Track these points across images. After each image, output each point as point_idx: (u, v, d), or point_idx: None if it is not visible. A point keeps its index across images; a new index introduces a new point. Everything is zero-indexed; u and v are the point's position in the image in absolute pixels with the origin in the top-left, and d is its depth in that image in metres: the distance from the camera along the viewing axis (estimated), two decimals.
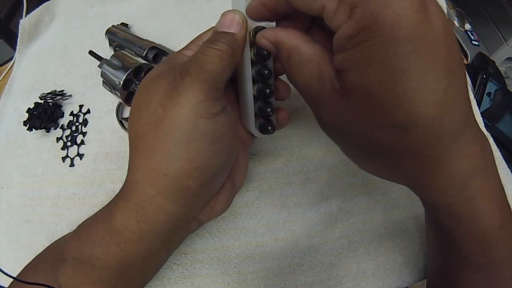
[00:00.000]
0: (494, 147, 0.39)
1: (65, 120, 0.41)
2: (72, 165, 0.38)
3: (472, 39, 0.68)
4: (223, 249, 0.32)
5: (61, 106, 0.42)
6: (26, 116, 0.40)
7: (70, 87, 0.43)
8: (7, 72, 0.54)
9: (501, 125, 0.46)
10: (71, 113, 0.41)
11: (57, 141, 0.40)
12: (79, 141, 0.39)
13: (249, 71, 0.24)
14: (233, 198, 0.26)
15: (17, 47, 0.52)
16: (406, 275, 0.32)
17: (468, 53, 0.62)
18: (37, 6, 0.53)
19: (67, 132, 0.40)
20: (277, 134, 0.33)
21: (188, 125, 0.19)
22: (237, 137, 0.25)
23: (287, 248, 0.32)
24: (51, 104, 0.41)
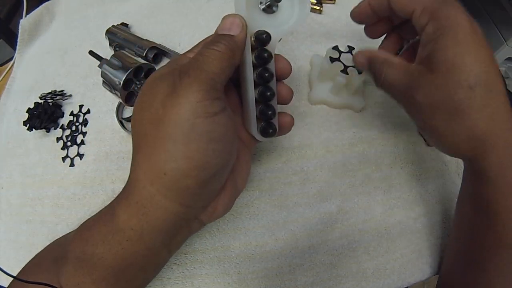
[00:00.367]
0: None
1: (65, 120, 0.41)
2: (72, 165, 0.38)
3: None
4: (223, 249, 0.32)
5: (61, 106, 0.42)
6: (26, 116, 0.40)
7: (70, 87, 0.43)
8: (7, 72, 0.54)
9: None
10: (71, 113, 0.41)
11: (57, 141, 0.40)
12: (79, 141, 0.39)
13: (250, 74, 0.24)
14: (234, 200, 0.27)
15: (17, 47, 0.52)
16: (406, 275, 0.32)
17: None
18: (37, 6, 0.53)
19: (67, 132, 0.40)
20: None
21: (186, 124, 0.19)
22: (237, 138, 0.25)
23: (287, 248, 0.32)
24: (51, 104, 0.41)
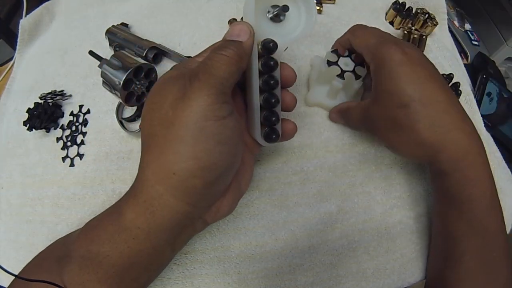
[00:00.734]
0: (494, 147, 0.39)
1: (65, 120, 0.41)
2: (72, 165, 0.38)
3: (472, 39, 0.68)
4: (223, 249, 0.32)
5: (61, 106, 0.42)
6: (26, 116, 0.40)
7: (70, 87, 0.43)
8: (7, 72, 0.54)
9: (505, 128, 0.48)
10: (71, 113, 0.41)
11: (57, 141, 0.40)
12: (79, 141, 0.39)
13: (256, 81, 0.25)
14: (238, 201, 0.27)
15: (17, 47, 0.52)
16: (406, 275, 0.32)
17: (468, 53, 0.62)
18: (37, 6, 0.53)
19: (67, 132, 0.40)
20: None
21: (196, 127, 0.20)
22: (242, 141, 0.26)
23: (287, 248, 0.32)
24: (51, 104, 0.41)
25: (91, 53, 0.38)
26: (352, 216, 0.33)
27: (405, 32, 0.41)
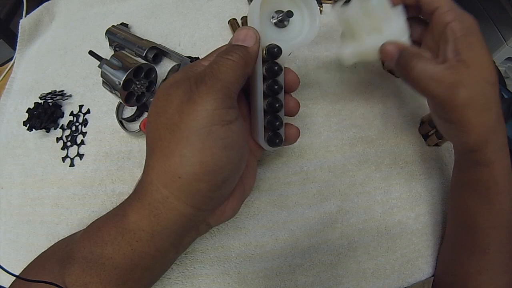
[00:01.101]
0: None
1: (65, 120, 0.41)
2: (72, 165, 0.38)
3: None
4: (223, 249, 0.32)
5: (61, 106, 0.42)
6: (26, 116, 0.40)
7: (70, 87, 0.43)
8: (7, 72, 0.54)
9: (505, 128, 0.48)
10: (71, 113, 0.41)
11: (57, 141, 0.40)
12: (79, 141, 0.39)
13: (260, 85, 0.25)
14: (242, 204, 0.27)
15: (17, 47, 0.52)
16: (406, 275, 0.32)
17: None
18: (37, 6, 0.53)
19: (67, 132, 0.40)
20: None
21: (203, 131, 0.20)
22: (247, 145, 0.26)
23: (287, 248, 0.32)
24: (51, 104, 0.41)
25: (91, 53, 0.38)
26: (352, 216, 0.33)
27: None
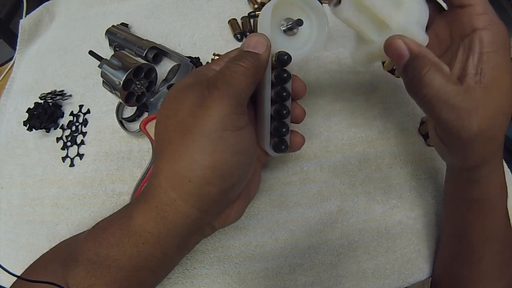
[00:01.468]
0: None
1: (65, 120, 0.41)
2: (72, 165, 0.38)
3: None
4: (223, 249, 0.32)
5: (61, 106, 0.42)
6: (26, 116, 0.40)
7: (70, 87, 0.43)
8: (7, 72, 0.54)
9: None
10: (71, 113, 0.41)
11: (57, 141, 0.40)
12: (79, 141, 0.39)
13: (268, 91, 0.25)
14: (246, 207, 0.27)
15: (17, 47, 0.52)
16: (406, 275, 0.32)
17: None
18: (37, 6, 0.53)
19: (67, 132, 0.40)
20: None
21: (215, 136, 0.20)
22: (256, 151, 0.26)
23: (287, 248, 0.32)
24: (51, 104, 0.41)
25: (91, 53, 0.38)
26: (352, 216, 0.33)
27: None
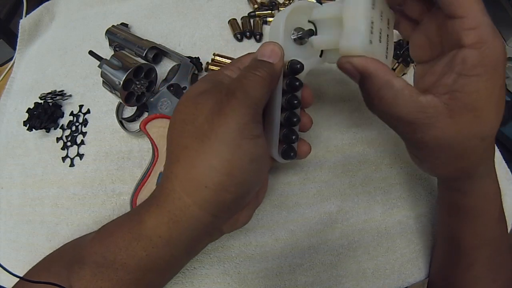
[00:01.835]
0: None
1: (65, 120, 0.41)
2: (72, 165, 0.38)
3: None
4: (223, 249, 0.32)
5: (61, 106, 0.42)
6: (26, 116, 0.40)
7: (70, 87, 0.43)
8: (7, 72, 0.54)
9: (506, 129, 0.49)
10: (71, 113, 0.41)
11: (57, 141, 0.40)
12: (79, 141, 0.39)
13: (279, 99, 0.25)
14: (254, 212, 0.28)
15: (17, 47, 0.52)
16: (406, 275, 0.32)
17: None
18: (37, 6, 0.53)
19: (67, 132, 0.40)
20: None
21: (233, 143, 0.21)
22: (269, 159, 0.26)
23: (287, 248, 0.32)
24: (51, 104, 0.41)
25: (91, 53, 0.38)
26: (352, 216, 0.33)
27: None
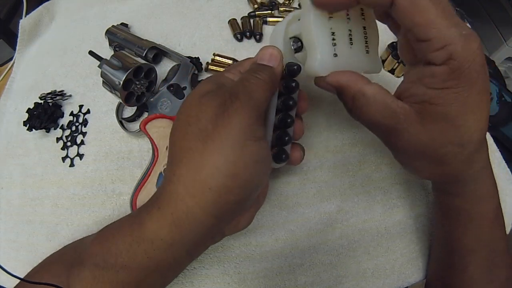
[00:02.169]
0: (494, 146, 0.39)
1: (65, 120, 0.41)
2: (72, 165, 0.38)
3: None
4: (223, 249, 0.32)
5: (61, 106, 0.42)
6: (26, 116, 0.40)
7: (70, 87, 0.43)
8: (7, 72, 0.54)
9: (506, 129, 0.49)
10: (71, 113, 0.41)
11: (57, 141, 0.40)
12: (79, 141, 0.39)
13: (275, 101, 0.25)
14: (255, 214, 0.27)
15: (17, 47, 0.52)
16: (406, 275, 0.32)
17: None
18: (37, 6, 0.53)
19: (67, 132, 0.40)
20: None
21: (237, 145, 0.21)
22: (271, 161, 0.26)
23: (287, 248, 0.32)
24: (51, 104, 0.41)
25: (91, 53, 0.38)
26: (352, 216, 0.33)
27: None
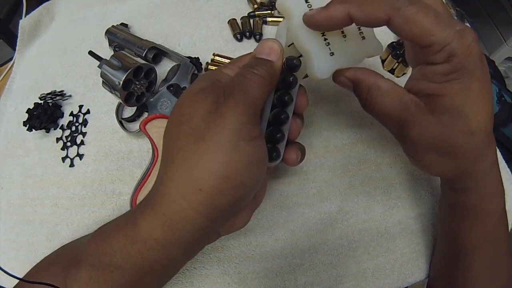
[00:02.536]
0: None
1: (65, 121, 0.41)
2: (72, 165, 0.38)
3: None
4: (223, 249, 0.32)
5: (61, 106, 0.42)
6: (26, 116, 0.40)
7: (70, 87, 0.43)
8: (7, 72, 0.54)
9: (506, 130, 0.49)
10: (71, 113, 0.41)
11: (57, 142, 0.40)
12: (79, 141, 0.39)
13: (271, 97, 0.24)
14: (252, 214, 0.27)
15: (17, 47, 0.52)
16: (406, 275, 0.32)
17: None
18: (37, 6, 0.53)
19: (67, 132, 0.40)
20: None
21: (229, 145, 0.20)
22: (267, 162, 0.26)
23: (287, 248, 0.32)
24: (51, 104, 0.41)
25: (91, 53, 0.38)
26: (352, 216, 0.33)
27: None
